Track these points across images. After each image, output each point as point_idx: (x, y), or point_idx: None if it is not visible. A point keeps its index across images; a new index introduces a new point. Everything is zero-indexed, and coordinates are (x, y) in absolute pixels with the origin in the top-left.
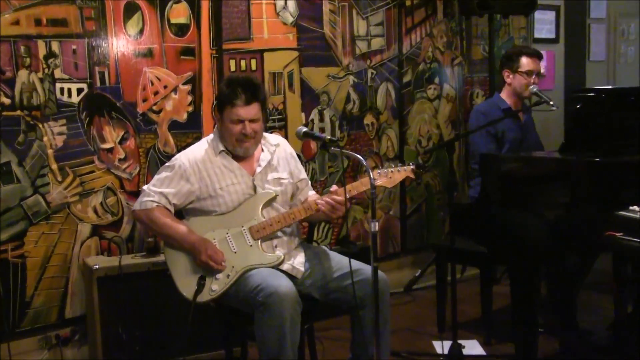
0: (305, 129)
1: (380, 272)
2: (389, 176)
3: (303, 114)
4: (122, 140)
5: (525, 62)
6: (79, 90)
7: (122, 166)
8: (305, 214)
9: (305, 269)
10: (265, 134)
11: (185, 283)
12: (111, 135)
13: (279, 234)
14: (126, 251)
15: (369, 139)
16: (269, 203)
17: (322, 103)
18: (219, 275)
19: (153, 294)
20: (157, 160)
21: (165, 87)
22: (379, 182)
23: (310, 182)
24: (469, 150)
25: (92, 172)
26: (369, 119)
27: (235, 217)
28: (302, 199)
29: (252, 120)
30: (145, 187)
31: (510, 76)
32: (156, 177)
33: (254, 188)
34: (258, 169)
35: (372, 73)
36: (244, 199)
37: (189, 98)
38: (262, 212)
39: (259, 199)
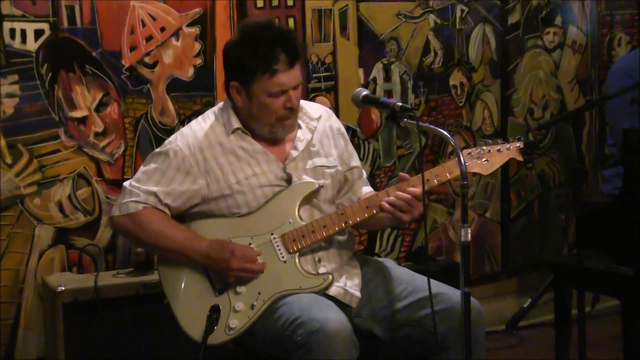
0: (365, 92)
1: (473, 300)
2: (484, 158)
3: (361, 70)
4: (101, 107)
5: None
6: (38, 33)
7: (100, 143)
8: (364, 215)
9: (363, 294)
10: (302, 101)
11: (191, 317)
12: (84, 98)
13: (324, 243)
14: (105, 267)
15: (456, 106)
16: (309, 199)
17: (389, 54)
18: (240, 305)
19: (143, 329)
20: (150, 135)
21: (162, 29)
22: (471, 168)
23: (365, 172)
24: (606, 126)
25: (57, 151)
26: (457, 78)
27: (261, 221)
28: (353, 198)
29: (295, 87)
30: (126, 183)
31: None
32: (142, 169)
33: (288, 179)
34: (293, 153)
35: (462, 11)
36: (272, 194)
37: (197, 46)
38: (299, 212)
39: (294, 193)
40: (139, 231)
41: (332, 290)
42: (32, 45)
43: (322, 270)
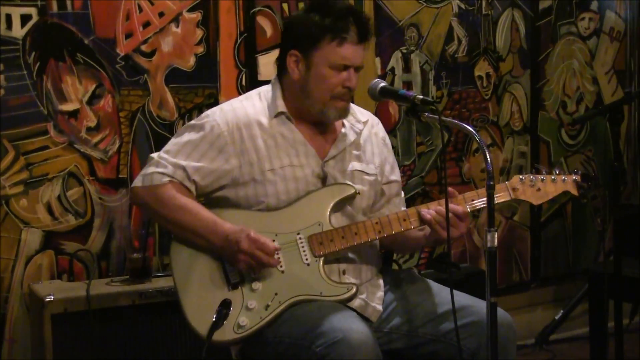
0: (383, 84)
1: (501, 312)
2: (537, 187)
3: (378, 60)
4: (93, 99)
5: None
6: (24, 19)
7: (92, 139)
8: (400, 227)
9: (383, 308)
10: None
11: (199, 310)
12: (75, 90)
13: (351, 254)
14: (98, 274)
15: (482, 99)
16: (342, 205)
17: (408, 43)
18: (253, 304)
19: (139, 342)
20: (147, 130)
21: (160, 15)
22: (521, 194)
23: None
24: None
25: (45, 148)
26: (482, 69)
27: (289, 219)
28: (387, 213)
29: (357, 69)
30: (154, 154)
31: None
32: (173, 140)
33: (324, 177)
34: (333, 151)
35: None
36: (305, 191)
37: (199, 33)
38: (330, 216)
39: (328, 195)
40: (161, 205)
41: (354, 303)
42: (18, 31)
43: (346, 281)
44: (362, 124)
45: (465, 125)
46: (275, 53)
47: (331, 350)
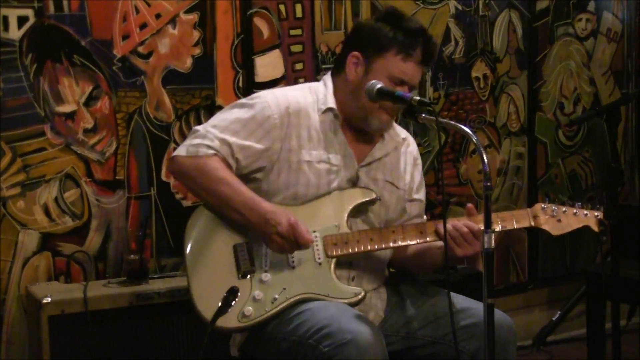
0: (380, 85)
1: (501, 314)
2: (558, 217)
3: None
4: (90, 101)
5: None
6: (21, 20)
7: (89, 141)
8: (416, 238)
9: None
10: None
11: (206, 294)
12: (72, 92)
13: (363, 262)
14: (95, 275)
15: (479, 100)
16: (362, 210)
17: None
18: (260, 295)
19: (137, 344)
20: (144, 132)
21: (157, 16)
22: (542, 223)
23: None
24: None
25: (42, 149)
26: (479, 70)
27: (307, 215)
28: None
29: (411, 87)
30: (198, 127)
31: None
32: (221, 114)
33: (355, 182)
34: (369, 158)
35: None
36: (331, 189)
37: (196, 34)
38: (348, 219)
39: (348, 197)
40: (203, 176)
41: (357, 306)
42: (15, 33)
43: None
44: (400, 140)
45: (463, 127)
46: (271, 54)
47: (339, 351)
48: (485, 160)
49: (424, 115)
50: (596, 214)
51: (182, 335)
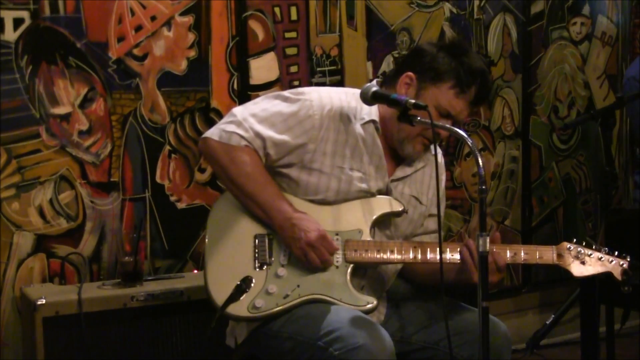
0: (375, 88)
1: (495, 320)
2: (582, 260)
3: (370, 64)
4: (85, 103)
5: None
6: (17, 22)
7: (84, 143)
8: (436, 255)
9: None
10: None
11: (221, 279)
12: (67, 94)
13: (377, 272)
14: (89, 277)
15: None
16: (387, 221)
17: (400, 47)
18: (273, 288)
19: (131, 346)
20: (139, 134)
21: (153, 18)
22: (564, 263)
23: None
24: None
25: (37, 151)
26: None
27: (332, 217)
28: None
29: (455, 123)
30: (238, 110)
31: None
32: (261, 103)
33: (383, 193)
34: (400, 172)
35: None
36: (359, 197)
37: (191, 37)
38: (372, 227)
39: (375, 206)
40: (232, 165)
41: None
42: (10, 35)
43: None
44: (432, 157)
45: (457, 130)
46: (266, 57)
47: (350, 356)
48: (480, 164)
49: (419, 118)
50: (621, 262)
51: (176, 337)
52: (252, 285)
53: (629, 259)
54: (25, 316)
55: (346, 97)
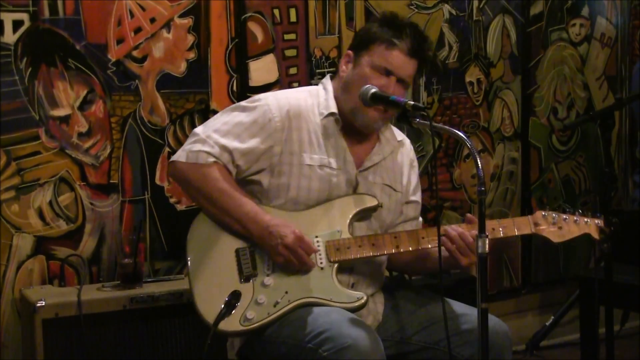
0: (374, 90)
1: (494, 319)
2: (558, 225)
3: None
4: (85, 105)
5: None
6: (16, 24)
7: (83, 145)
8: (418, 245)
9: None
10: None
11: (209, 297)
12: (67, 96)
13: (365, 267)
14: (89, 279)
15: (473, 105)
16: (364, 216)
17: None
18: (262, 299)
19: (130, 348)
20: (138, 136)
21: (152, 20)
22: (542, 231)
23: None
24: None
25: (37, 153)
26: (473, 75)
27: (309, 221)
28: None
29: (400, 81)
30: (199, 130)
31: None
32: (221, 118)
33: (355, 186)
34: (367, 162)
35: (479, 0)
36: (335, 195)
37: (190, 39)
38: (350, 225)
39: (351, 204)
40: (204, 184)
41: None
42: (10, 37)
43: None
44: (397, 143)
45: (457, 131)
46: (265, 59)
47: (339, 356)
48: (480, 165)
49: (418, 119)
50: (597, 221)
51: (176, 339)
52: (241, 298)
53: (603, 218)
54: (24, 318)
55: (302, 95)
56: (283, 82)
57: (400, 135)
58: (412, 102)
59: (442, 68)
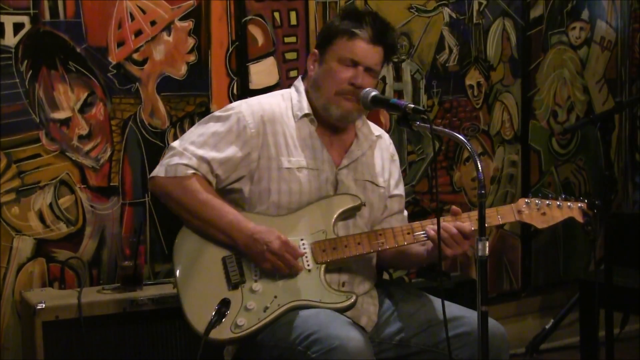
0: (374, 93)
1: (494, 322)
2: (542, 211)
3: None
4: (85, 107)
5: None
6: (17, 27)
7: (84, 147)
8: (403, 240)
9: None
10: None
11: (198, 307)
12: (67, 98)
13: (354, 266)
14: (89, 282)
15: (473, 108)
16: (348, 215)
17: (399, 51)
18: (252, 305)
19: (130, 350)
20: (139, 138)
21: (152, 23)
22: (526, 218)
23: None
24: (638, 129)
25: (37, 156)
26: (473, 78)
27: (294, 224)
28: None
29: (368, 70)
30: (175, 143)
31: None
32: (196, 130)
33: (336, 184)
34: (345, 160)
35: (480, 4)
36: (317, 196)
37: (190, 41)
38: (335, 225)
39: (335, 204)
40: (185, 196)
41: (349, 312)
42: (10, 39)
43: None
44: (375, 138)
45: (456, 134)
46: (266, 62)
47: (327, 357)
48: (480, 168)
49: (418, 122)
50: (580, 205)
51: (175, 342)
52: (231, 306)
53: (586, 201)
54: (25, 320)
55: (275, 99)
56: (283, 84)
57: (377, 130)
58: (413, 105)
59: (442, 70)
